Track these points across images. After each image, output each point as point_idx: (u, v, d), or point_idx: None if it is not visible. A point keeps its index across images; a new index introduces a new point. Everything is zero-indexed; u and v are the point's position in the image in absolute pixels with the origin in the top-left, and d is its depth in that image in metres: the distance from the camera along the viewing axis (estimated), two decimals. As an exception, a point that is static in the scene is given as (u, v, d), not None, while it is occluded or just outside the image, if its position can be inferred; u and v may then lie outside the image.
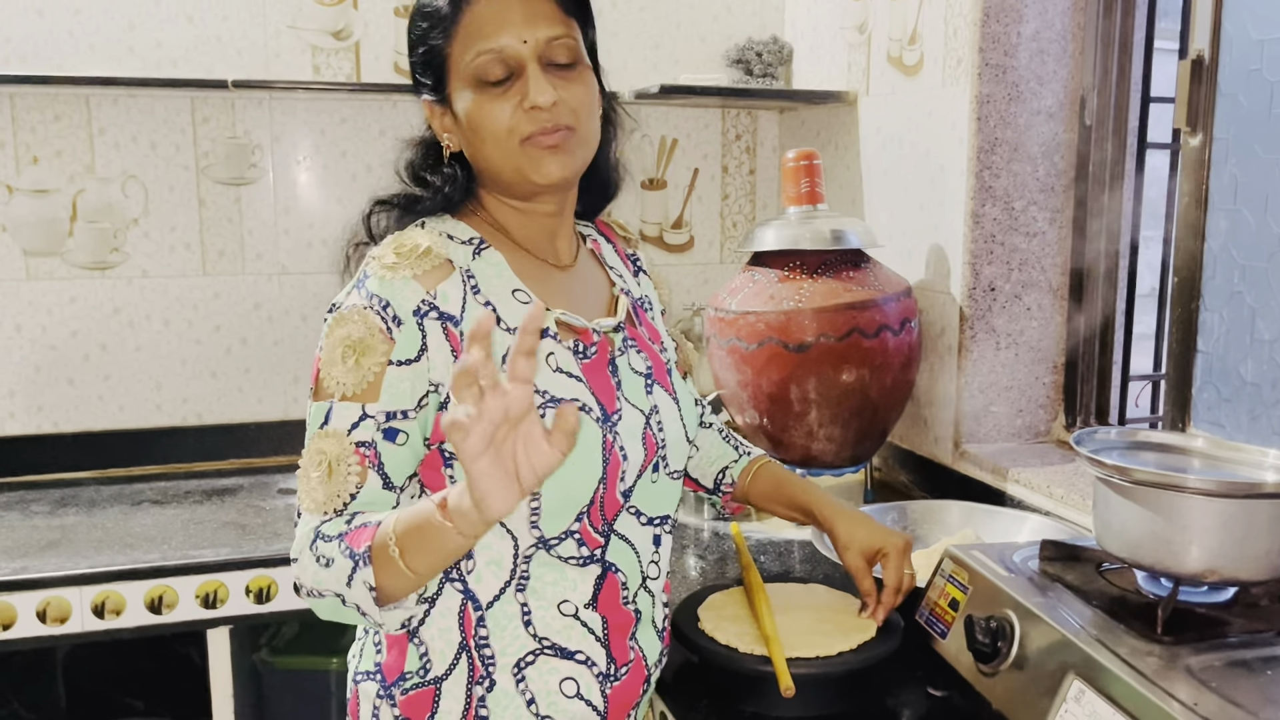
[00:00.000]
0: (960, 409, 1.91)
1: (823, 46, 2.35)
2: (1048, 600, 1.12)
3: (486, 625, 1.08)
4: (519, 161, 1.07)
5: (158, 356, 2.29)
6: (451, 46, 1.07)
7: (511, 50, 1.04)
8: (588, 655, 1.10)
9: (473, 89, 1.06)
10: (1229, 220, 1.60)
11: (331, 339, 1.03)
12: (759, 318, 1.82)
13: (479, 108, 1.06)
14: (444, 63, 1.08)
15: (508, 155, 1.07)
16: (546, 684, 1.09)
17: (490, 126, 1.05)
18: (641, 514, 1.15)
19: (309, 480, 1.02)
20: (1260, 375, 1.55)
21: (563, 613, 1.09)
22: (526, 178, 1.08)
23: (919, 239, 2.01)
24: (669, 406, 1.19)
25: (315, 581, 0.99)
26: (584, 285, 1.19)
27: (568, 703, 1.10)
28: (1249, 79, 1.55)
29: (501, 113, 1.05)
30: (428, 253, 1.04)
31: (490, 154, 1.07)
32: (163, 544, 1.80)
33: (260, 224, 2.31)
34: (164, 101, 2.22)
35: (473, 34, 1.05)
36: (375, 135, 2.34)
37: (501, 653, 1.08)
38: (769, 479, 1.37)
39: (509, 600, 1.08)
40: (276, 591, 1.73)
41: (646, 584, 1.16)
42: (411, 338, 1.02)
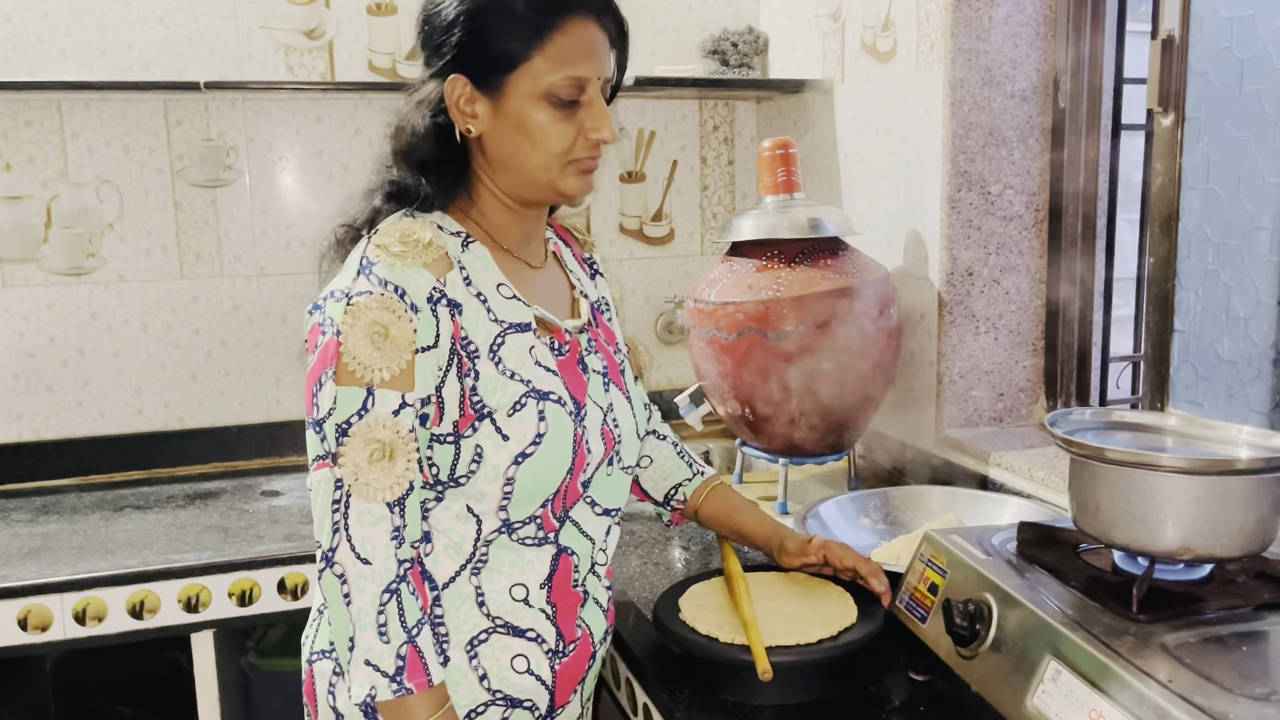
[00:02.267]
0: (941, 394, 1.91)
1: (798, 35, 2.35)
2: (1025, 582, 1.12)
3: (442, 605, 1.11)
4: (556, 177, 1.12)
5: (137, 361, 2.27)
6: (533, 53, 1.08)
7: (593, 84, 1.11)
8: (538, 633, 1.15)
9: (546, 103, 1.09)
10: (1203, 199, 1.60)
11: (354, 326, 1.02)
12: (738, 308, 1.82)
13: (549, 123, 1.09)
14: (513, 62, 1.08)
15: (549, 170, 1.12)
16: (498, 660, 1.13)
17: (552, 143, 1.10)
18: (597, 504, 1.21)
19: (365, 469, 1.01)
20: (1237, 352, 1.56)
21: (514, 597, 1.14)
22: (557, 192, 1.13)
23: (896, 225, 2.01)
24: (623, 405, 1.24)
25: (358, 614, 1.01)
26: (551, 285, 1.23)
27: (518, 678, 1.14)
28: (1219, 57, 1.56)
29: (566, 134, 1.10)
30: (430, 245, 1.07)
31: (533, 163, 1.11)
32: (144, 549, 1.79)
33: (237, 226, 2.29)
34: (137, 104, 2.20)
35: (564, 56, 1.08)
36: (351, 134, 2.33)
37: (455, 630, 1.12)
38: (721, 502, 1.42)
39: (464, 582, 1.12)
40: (259, 594, 1.72)
41: (595, 568, 1.22)
42: (429, 324, 1.05)
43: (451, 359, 1.07)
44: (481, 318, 1.10)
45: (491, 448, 1.08)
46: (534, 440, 1.10)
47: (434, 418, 1.07)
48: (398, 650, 1.03)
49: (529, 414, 1.10)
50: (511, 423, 1.09)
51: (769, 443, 1.92)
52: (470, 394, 1.08)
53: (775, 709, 1.19)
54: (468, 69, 1.09)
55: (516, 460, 1.09)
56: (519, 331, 1.13)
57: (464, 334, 1.08)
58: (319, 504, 1.04)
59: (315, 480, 1.05)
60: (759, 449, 1.95)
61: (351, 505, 1.02)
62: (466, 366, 1.08)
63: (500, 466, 1.09)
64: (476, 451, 1.08)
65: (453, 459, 1.09)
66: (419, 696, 1.03)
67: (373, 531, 1.02)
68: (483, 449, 1.08)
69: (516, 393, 1.10)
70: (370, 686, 1.02)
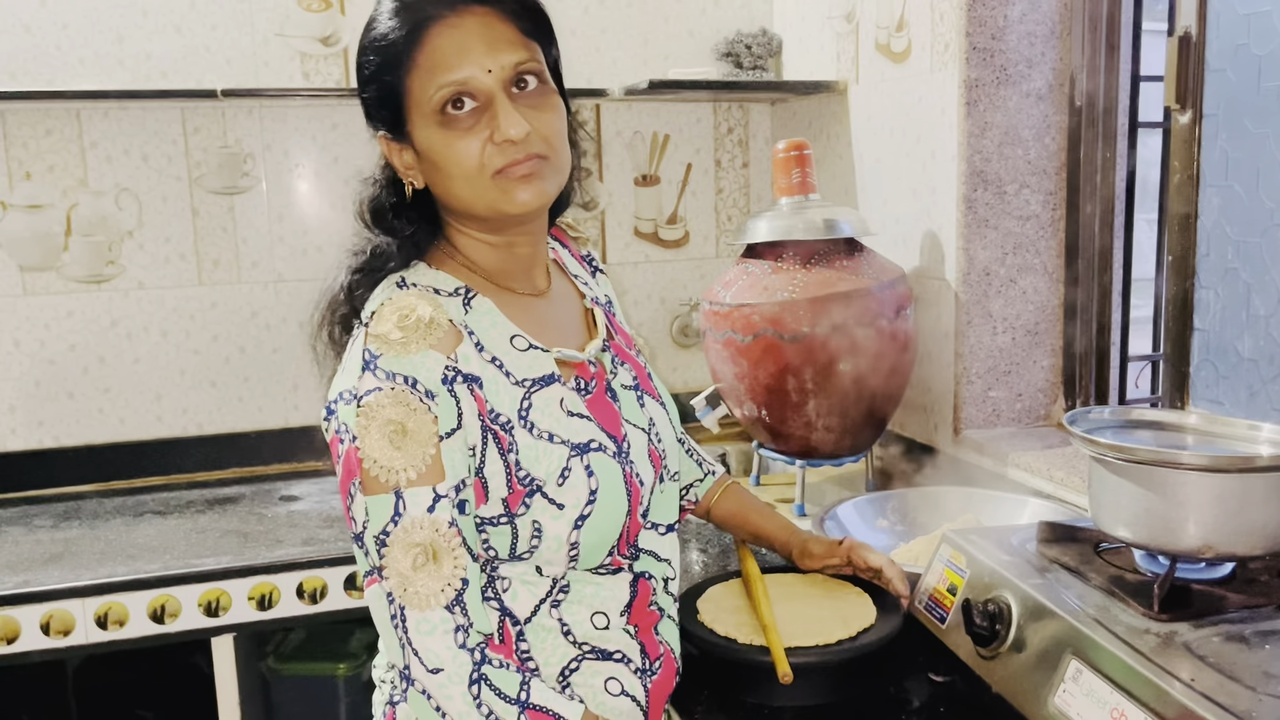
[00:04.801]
0: (959, 395, 1.91)
1: (811, 37, 2.35)
2: (1045, 582, 1.11)
3: (526, 639, 1.07)
4: (491, 196, 1.02)
5: (156, 368, 2.29)
6: (409, 80, 1.00)
7: (476, 82, 0.99)
8: (625, 654, 1.11)
9: (437, 124, 1.00)
10: (1221, 196, 1.59)
11: (369, 429, 0.95)
12: (753, 310, 1.81)
13: (447, 144, 1.00)
14: (401, 98, 1.01)
15: (480, 191, 1.02)
16: (592, 686, 1.09)
17: (460, 163, 1.00)
18: (658, 525, 1.17)
19: (412, 577, 0.95)
20: (1257, 351, 1.55)
21: (595, 625, 1.10)
22: (500, 210, 1.03)
23: (912, 226, 2.01)
24: (660, 414, 1.20)
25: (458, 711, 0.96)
26: (562, 308, 1.17)
27: (615, 701, 1.10)
28: (1237, 54, 1.55)
29: (471, 148, 1.00)
30: (432, 323, 0.99)
31: (460, 191, 1.03)
32: (165, 554, 1.80)
33: (255, 232, 2.31)
34: (155, 113, 2.22)
35: (433, 67, 0.99)
36: (366, 140, 2.28)
37: (545, 663, 1.07)
38: (734, 503, 1.41)
39: (545, 615, 1.08)
40: (279, 598, 1.73)
41: (668, 585, 1.17)
42: (449, 408, 0.98)
43: (485, 436, 1.01)
44: (502, 385, 1.03)
45: (549, 520, 1.03)
46: (589, 500, 1.04)
47: (477, 500, 1.01)
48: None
49: (577, 476, 1.04)
50: (564, 491, 1.03)
51: (786, 445, 1.91)
52: (515, 469, 1.01)
53: (794, 710, 1.19)
54: (385, 124, 1.05)
55: (576, 524, 1.04)
56: (544, 386, 1.06)
57: (490, 408, 1.01)
58: (379, 621, 0.99)
59: (370, 597, 0.99)
60: (776, 451, 1.95)
61: (408, 617, 0.96)
62: (506, 442, 1.01)
63: (562, 536, 1.04)
64: (535, 528, 1.03)
65: (511, 540, 1.04)
66: None
67: (434, 641, 0.96)
68: (540, 524, 1.03)
69: (560, 456, 1.04)
70: None
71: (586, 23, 2.41)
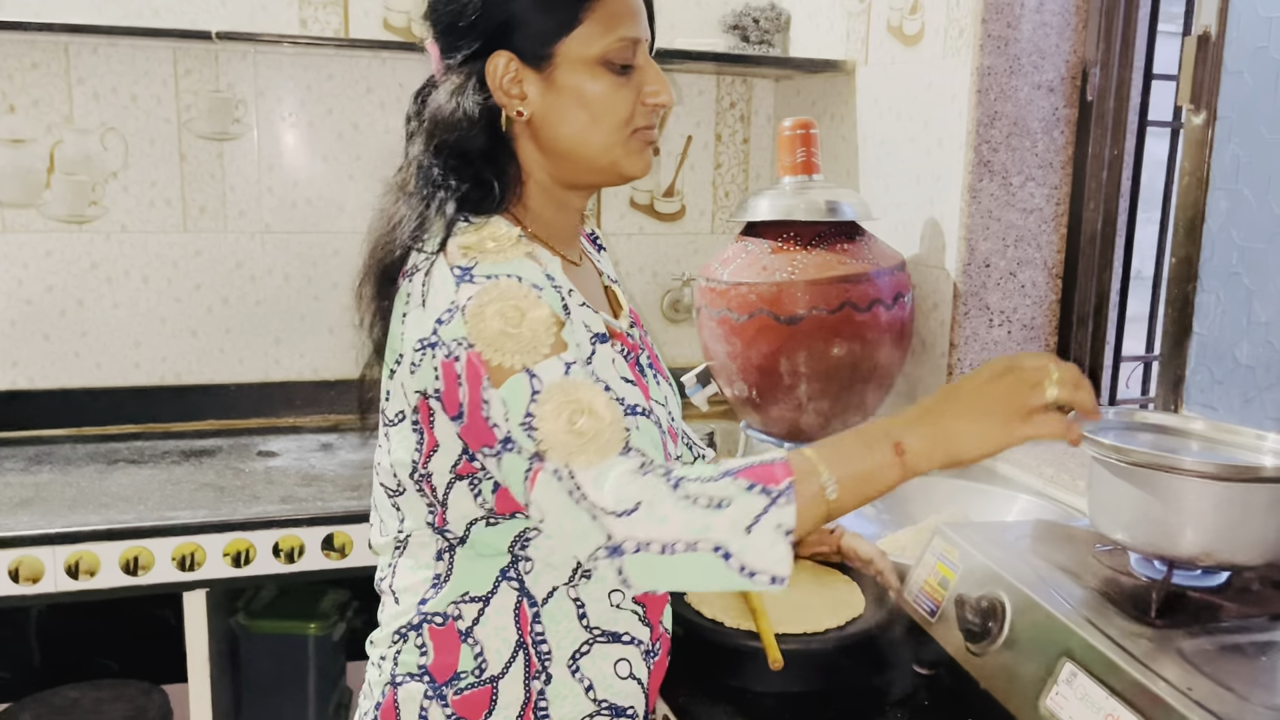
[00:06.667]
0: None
1: (821, 14, 2.31)
2: (1040, 581, 1.10)
3: (542, 621, 1.04)
4: (619, 152, 1.03)
5: (136, 314, 2.24)
6: (583, 16, 1.00)
7: (643, 45, 1.03)
8: (633, 635, 1.08)
9: (601, 70, 1.01)
10: (1229, 200, 1.58)
11: (481, 325, 0.91)
12: (750, 289, 1.79)
13: (607, 89, 1.01)
14: (566, 30, 1.00)
15: (613, 144, 1.03)
16: (601, 669, 1.06)
17: (613, 111, 1.02)
18: None
19: (574, 437, 0.88)
20: (1255, 358, 1.54)
21: (612, 601, 1.07)
22: (621, 168, 1.04)
23: (915, 212, 1.99)
24: (671, 394, 1.19)
25: (685, 530, 0.86)
26: (590, 281, 1.15)
27: (622, 684, 1.07)
28: (1256, 57, 1.53)
29: (626, 100, 1.02)
30: (521, 241, 0.98)
31: (593, 138, 1.02)
32: (139, 504, 1.77)
33: (243, 181, 2.25)
34: (145, 52, 2.16)
35: (613, 16, 1.01)
36: (363, 93, 2.29)
37: (557, 646, 1.04)
38: None
39: (562, 597, 1.04)
40: (255, 555, 1.70)
41: None
42: (554, 300, 0.96)
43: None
44: (578, 322, 1.01)
45: None
46: None
47: None
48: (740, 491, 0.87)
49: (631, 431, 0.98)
50: None
51: (774, 426, 1.90)
52: None
53: (778, 696, 1.18)
54: (510, 43, 1.01)
55: None
56: (601, 342, 1.04)
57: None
58: (560, 515, 0.89)
59: (539, 497, 0.90)
60: (763, 432, 1.93)
61: (583, 480, 0.88)
62: None
63: None
64: None
65: None
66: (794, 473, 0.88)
67: (618, 484, 0.87)
68: None
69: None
70: (777, 528, 0.86)
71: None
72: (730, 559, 0.86)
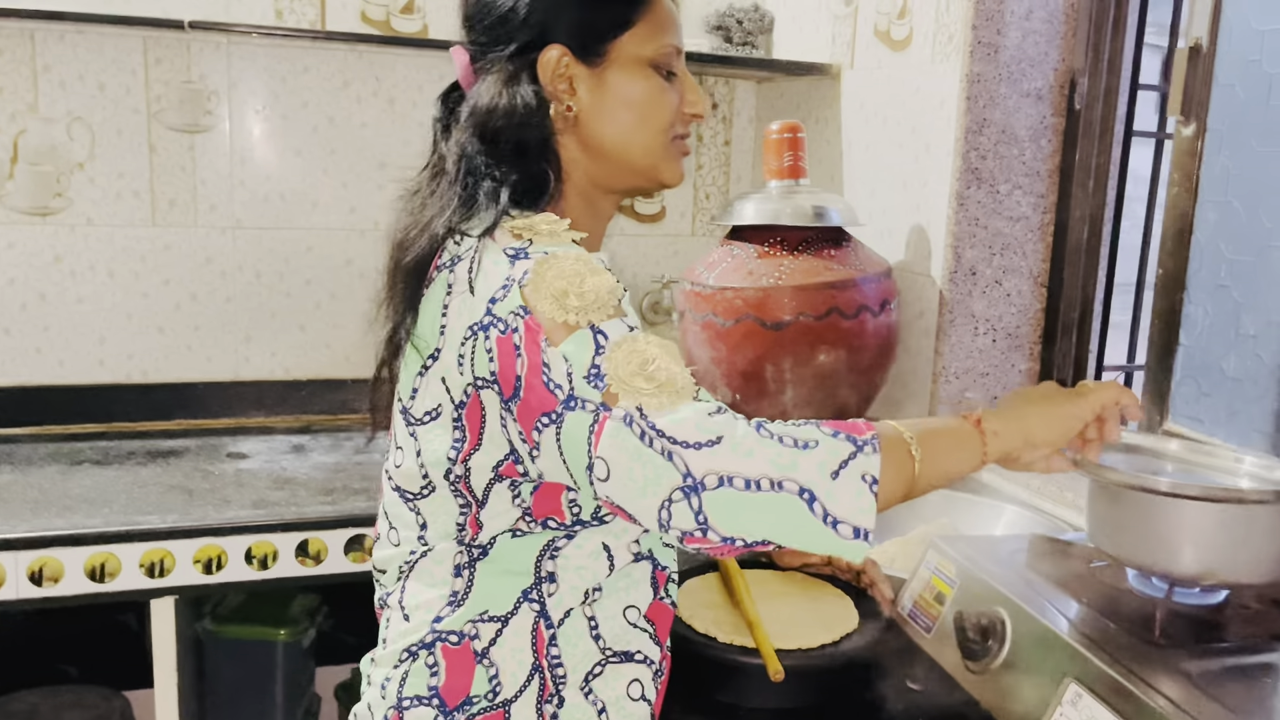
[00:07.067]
0: (935, 394, 1.88)
1: (805, 16, 2.29)
2: (1039, 598, 1.09)
3: (558, 643, 1.00)
4: (658, 156, 1.04)
5: (101, 309, 2.18)
6: (636, 17, 1.01)
7: (682, 53, 1.06)
8: (645, 654, 1.05)
9: (651, 72, 1.02)
10: (1218, 212, 1.57)
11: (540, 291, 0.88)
12: (736, 294, 1.77)
13: (658, 93, 1.02)
14: (621, 28, 1.01)
15: (654, 147, 1.04)
16: (614, 690, 1.03)
17: (659, 113, 1.03)
18: None
19: (646, 382, 0.84)
20: (1243, 371, 1.54)
21: (628, 620, 1.04)
22: (658, 173, 1.05)
23: (900, 219, 1.97)
24: None
25: (770, 466, 0.81)
26: None
27: (634, 705, 1.04)
28: (1247, 69, 1.52)
29: (670, 105, 1.03)
30: (569, 229, 0.97)
31: (636, 138, 1.03)
32: (104, 507, 1.71)
33: (215, 174, 2.20)
34: (114, 40, 2.09)
35: (660, 23, 1.03)
36: (339, 87, 2.23)
37: (572, 670, 1.01)
38: None
39: (578, 616, 1.01)
40: (226, 562, 1.65)
41: (672, 577, 1.10)
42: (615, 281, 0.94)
43: None
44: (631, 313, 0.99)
45: None
46: None
47: None
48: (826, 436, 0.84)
49: None
50: None
51: (758, 433, 1.87)
52: None
53: (771, 712, 1.15)
54: (564, 38, 1.00)
55: None
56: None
57: None
58: (630, 460, 0.83)
59: (607, 446, 0.83)
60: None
61: (659, 421, 0.83)
62: None
63: None
64: None
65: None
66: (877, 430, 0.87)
67: (698, 420, 0.83)
68: None
69: None
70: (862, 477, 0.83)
71: (576, -18, 2.33)
72: (815, 504, 0.82)
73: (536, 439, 0.91)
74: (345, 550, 1.71)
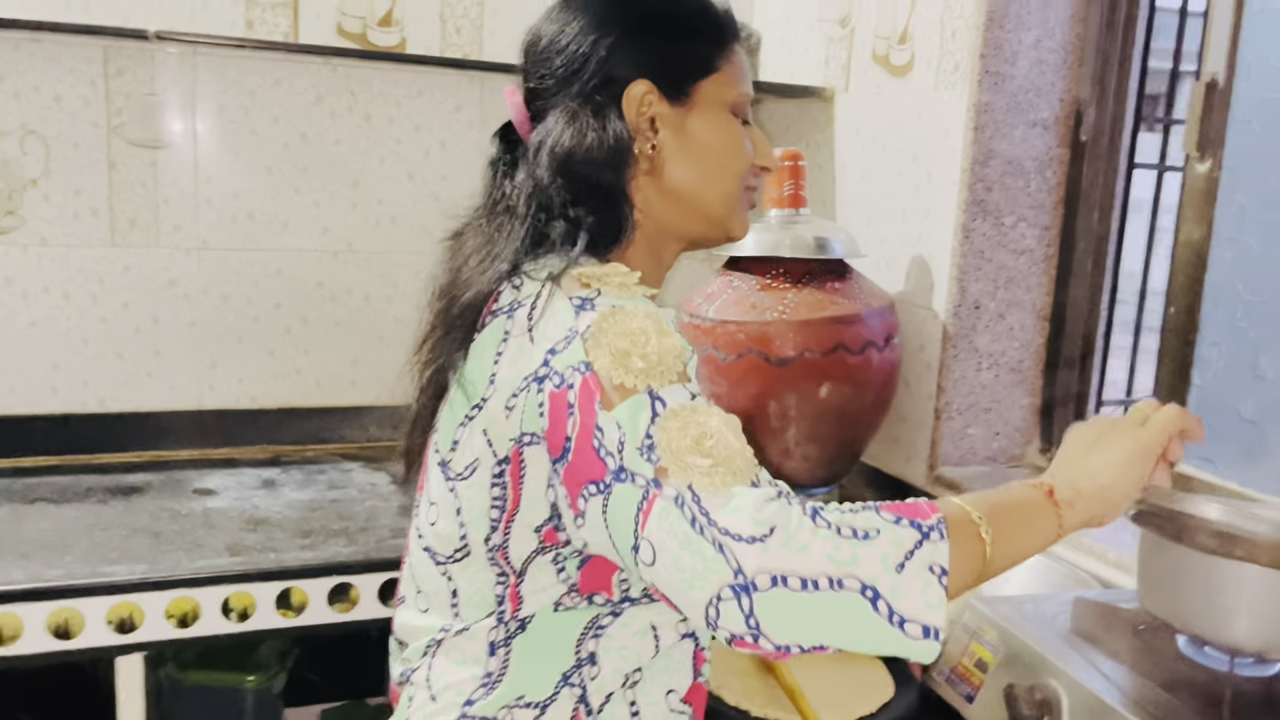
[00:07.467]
0: (938, 430, 1.83)
1: (796, 38, 2.24)
2: (1093, 669, 1.04)
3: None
4: (730, 206, 1.00)
5: (55, 334, 2.04)
6: (720, 62, 0.98)
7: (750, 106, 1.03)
8: None
9: (731, 117, 0.98)
10: (1234, 251, 1.54)
11: (601, 348, 0.82)
12: (739, 328, 1.70)
13: (738, 139, 0.98)
14: (708, 69, 0.97)
15: (728, 194, 0.99)
16: None
17: (739, 161, 0.98)
18: None
19: (700, 459, 0.77)
20: (1261, 413, 1.51)
21: (669, 705, 0.96)
22: (727, 224, 1.00)
23: (899, 249, 1.92)
24: None
25: (828, 562, 0.74)
26: None
27: None
28: (1265, 106, 1.50)
29: (746, 153, 0.99)
30: (640, 283, 0.91)
31: (716, 188, 0.98)
32: (65, 554, 1.59)
33: (178, 192, 2.08)
34: (73, 49, 1.97)
35: (741, 68, 1.00)
36: (312, 102, 2.13)
37: None
38: None
39: (619, 701, 0.93)
40: (199, 615, 1.54)
41: (709, 655, 1.02)
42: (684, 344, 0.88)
43: None
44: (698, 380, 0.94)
45: None
46: None
47: None
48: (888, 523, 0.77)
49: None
50: None
51: (757, 470, 1.81)
52: None
53: (806, 790, 1.09)
54: (650, 75, 0.95)
55: None
56: None
57: None
58: (678, 547, 0.76)
59: (655, 527, 0.77)
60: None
61: (710, 506, 0.76)
62: None
63: None
64: None
65: None
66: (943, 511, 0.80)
67: (752, 508, 0.75)
68: None
69: None
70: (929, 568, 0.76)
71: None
72: (879, 602, 0.74)
73: (582, 507, 0.83)
74: (329, 600, 1.61)
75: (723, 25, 1.01)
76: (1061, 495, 0.87)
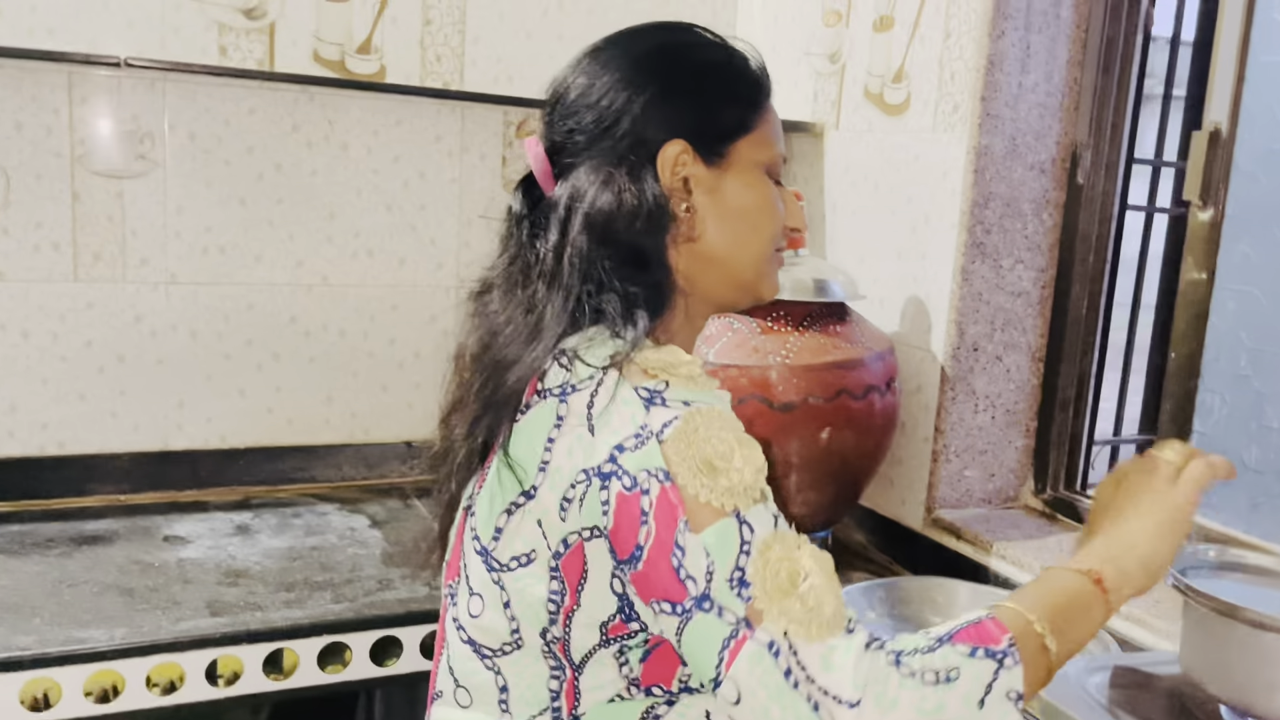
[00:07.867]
0: (935, 473, 1.82)
1: (783, 71, 2.21)
2: (1144, 745, 1.02)
3: None
4: (762, 269, 0.97)
5: (13, 373, 1.94)
6: (755, 122, 0.95)
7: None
8: None
9: (765, 177, 0.96)
10: (1238, 301, 1.55)
11: (685, 457, 0.78)
12: (741, 372, 1.67)
13: (773, 201, 0.96)
14: (743, 130, 0.95)
15: (764, 257, 0.97)
16: None
17: (774, 222, 0.96)
18: None
19: (795, 604, 0.75)
20: (1266, 463, 1.51)
21: None
22: (758, 287, 0.98)
23: (894, 289, 1.90)
24: None
25: (918, 715, 0.75)
26: None
27: None
28: (1269, 158, 1.51)
29: (780, 214, 0.97)
30: (704, 369, 0.87)
31: (749, 247, 0.95)
32: (32, 617, 1.50)
33: (147, 225, 1.98)
34: (35, 75, 1.87)
35: (775, 128, 0.97)
36: (288, 131, 2.05)
37: None
38: None
39: None
40: (184, 681, 1.45)
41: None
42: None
43: None
44: None
45: None
46: None
47: None
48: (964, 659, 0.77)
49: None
50: None
51: (755, 516, 1.77)
52: None
53: None
54: (685, 134, 0.91)
55: None
56: None
57: None
58: (773, 696, 0.74)
59: (742, 673, 0.75)
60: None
61: (808, 661, 0.74)
62: None
63: None
64: None
65: None
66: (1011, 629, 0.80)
67: (851, 664, 0.74)
68: None
69: None
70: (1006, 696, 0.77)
71: (544, 26, 2.19)
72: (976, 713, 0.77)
73: (648, 620, 0.82)
74: (320, 662, 1.53)
75: (759, 84, 0.99)
76: (1110, 582, 0.87)
